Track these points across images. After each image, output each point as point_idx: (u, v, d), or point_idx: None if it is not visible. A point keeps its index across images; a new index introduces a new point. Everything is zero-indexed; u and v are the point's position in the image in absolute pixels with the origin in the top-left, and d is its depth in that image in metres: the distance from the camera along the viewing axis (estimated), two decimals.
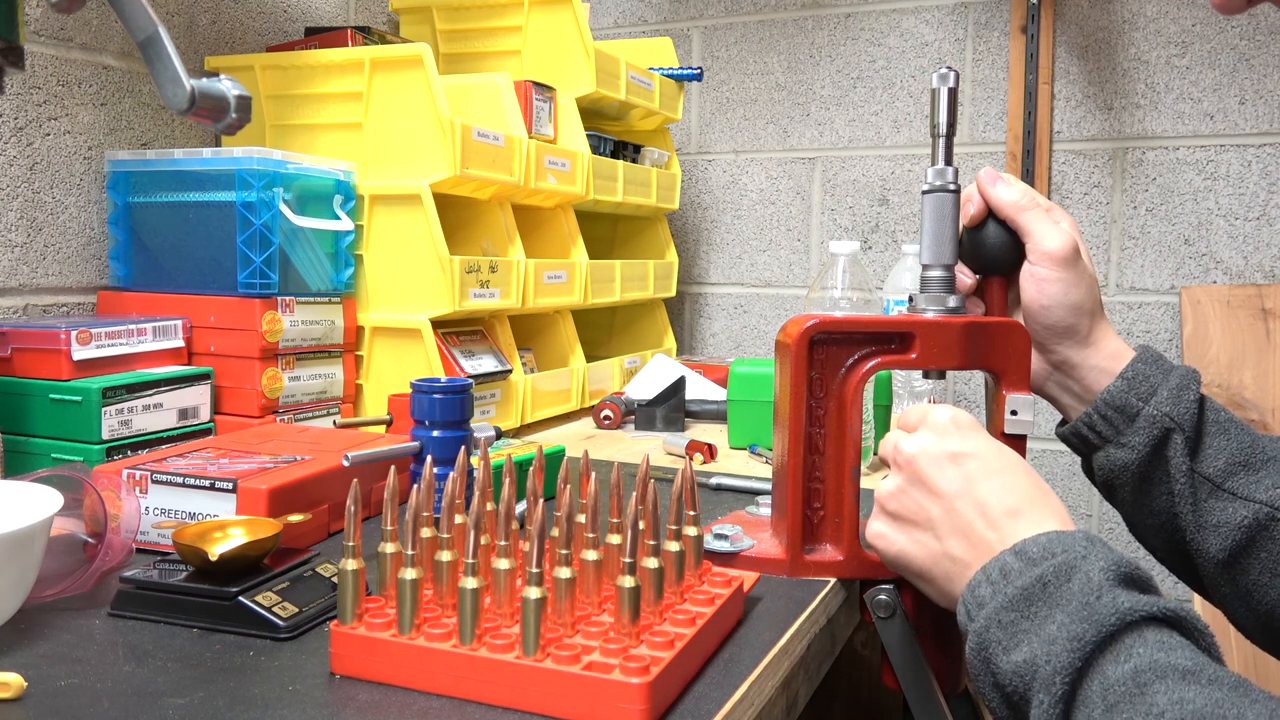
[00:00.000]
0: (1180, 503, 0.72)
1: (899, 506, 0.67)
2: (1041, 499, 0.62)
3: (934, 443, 0.65)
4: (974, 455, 0.64)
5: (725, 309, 2.12)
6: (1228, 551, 0.70)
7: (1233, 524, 0.70)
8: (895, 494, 0.67)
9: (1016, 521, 0.61)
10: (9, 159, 1.14)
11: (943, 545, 0.64)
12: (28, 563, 0.63)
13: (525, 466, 0.92)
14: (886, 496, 0.68)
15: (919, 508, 0.65)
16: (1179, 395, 0.72)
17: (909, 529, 0.66)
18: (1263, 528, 0.70)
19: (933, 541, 0.64)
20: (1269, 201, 1.73)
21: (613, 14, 2.18)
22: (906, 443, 0.67)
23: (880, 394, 1.20)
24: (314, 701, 0.55)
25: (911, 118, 1.95)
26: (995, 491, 0.62)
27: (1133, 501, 0.75)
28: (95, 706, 0.54)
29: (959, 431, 0.66)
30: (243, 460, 0.86)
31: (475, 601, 0.56)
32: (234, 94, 0.70)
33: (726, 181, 2.10)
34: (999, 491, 0.62)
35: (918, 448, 0.66)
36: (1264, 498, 0.70)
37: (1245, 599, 0.71)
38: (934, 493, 0.64)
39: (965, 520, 0.62)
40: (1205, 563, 0.72)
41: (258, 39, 1.47)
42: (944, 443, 0.65)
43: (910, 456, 0.66)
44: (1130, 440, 0.73)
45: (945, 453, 0.65)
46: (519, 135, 1.36)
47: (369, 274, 1.27)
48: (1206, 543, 0.71)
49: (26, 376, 0.99)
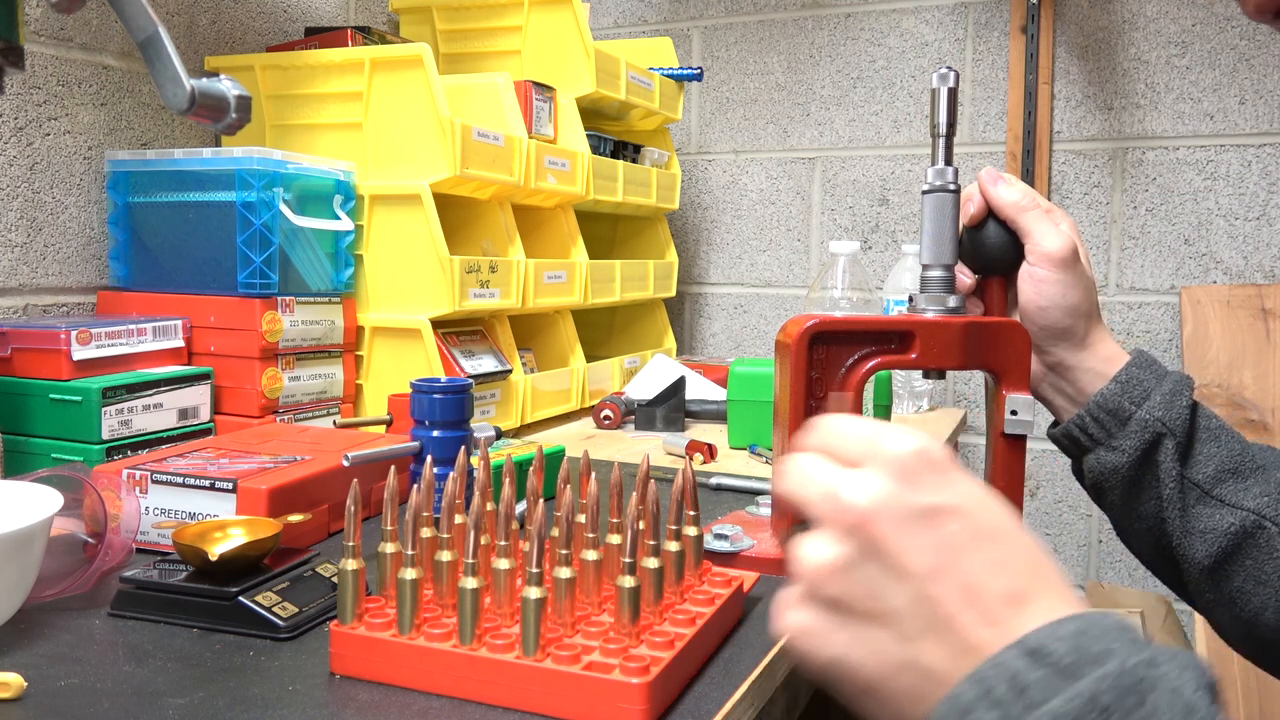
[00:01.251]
0: (1168, 508, 0.72)
1: (843, 590, 0.44)
2: (1049, 573, 0.44)
3: (898, 494, 0.44)
4: (957, 512, 0.44)
5: (725, 309, 2.12)
6: (1213, 558, 0.70)
7: (1219, 531, 0.70)
8: (837, 570, 0.44)
9: (1022, 611, 0.42)
10: (9, 159, 1.14)
11: (909, 650, 0.43)
12: (28, 563, 0.63)
13: (525, 466, 0.92)
14: (821, 572, 0.45)
15: (874, 593, 0.44)
16: (1172, 400, 0.72)
17: (855, 624, 0.44)
18: (1249, 535, 0.70)
19: (894, 644, 0.43)
20: (1269, 201, 1.73)
21: (613, 14, 2.18)
22: (854, 490, 0.44)
23: (880, 394, 1.21)
24: (314, 701, 0.55)
25: (911, 118, 1.95)
26: (989, 567, 0.43)
27: (1121, 505, 0.75)
28: (95, 706, 0.54)
29: (934, 475, 0.44)
30: (243, 460, 0.86)
31: (475, 601, 0.56)
32: (234, 94, 0.70)
33: (726, 181, 2.10)
34: (994, 567, 0.43)
35: (875, 500, 0.44)
36: (1251, 505, 0.70)
37: (1229, 606, 0.71)
38: (900, 571, 0.43)
39: (946, 612, 0.42)
40: (1190, 569, 0.72)
41: (258, 39, 1.47)
42: (913, 493, 0.44)
43: (864, 514, 0.44)
44: (1121, 444, 0.73)
45: (916, 509, 0.44)
46: (519, 135, 1.36)
47: (369, 274, 1.27)
48: (1192, 548, 0.71)
49: (26, 376, 0.99)
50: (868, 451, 0.45)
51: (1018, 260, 0.77)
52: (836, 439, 0.47)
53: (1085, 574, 1.88)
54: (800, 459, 0.47)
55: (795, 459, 0.47)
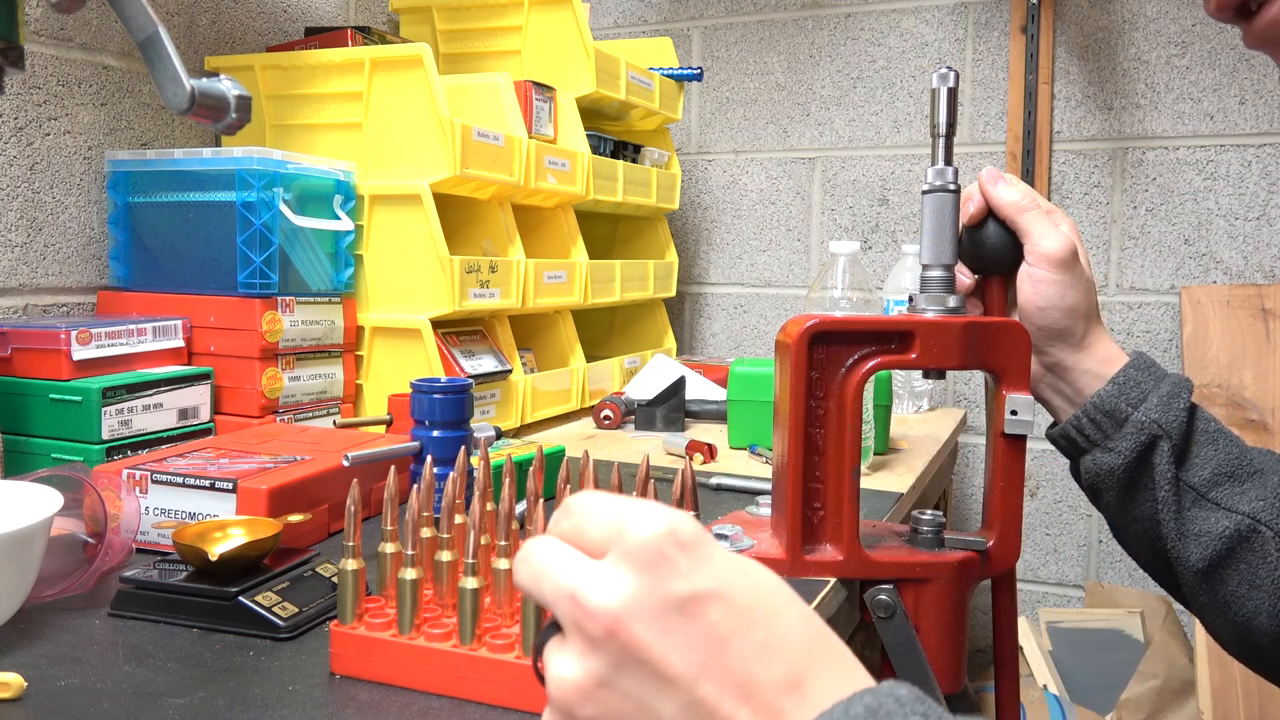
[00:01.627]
0: (1163, 510, 0.72)
1: (602, 710, 0.39)
2: (827, 645, 0.40)
3: (648, 587, 0.38)
4: (717, 597, 0.38)
5: (725, 309, 2.12)
6: (1207, 561, 0.70)
7: (1214, 534, 0.70)
8: (591, 689, 0.39)
9: (804, 698, 0.38)
10: (9, 159, 1.14)
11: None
12: (28, 563, 0.63)
13: (525, 466, 0.92)
14: (575, 694, 0.39)
15: (639, 707, 0.38)
16: (1169, 403, 0.72)
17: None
18: (1243, 539, 0.70)
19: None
20: (1269, 201, 1.73)
21: (613, 14, 2.18)
22: (598, 589, 0.38)
23: (880, 394, 1.21)
24: (314, 701, 0.55)
25: (911, 118, 1.95)
26: (760, 654, 0.38)
27: (1117, 507, 0.75)
28: (95, 706, 0.54)
29: (686, 557, 0.39)
30: (243, 460, 0.86)
31: (475, 601, 0.56)
32: (234, 94, 0.70)
33: (726, 181, 2.10)
34: (766, 653, 0.38)
35: (622, 600, 0.38)
36: (1247, 509, 0.70)
37: (1223, 609, 0.71)
38: (663, 677, 0.38)
39: (723, 715, 0.37)
40: (1185, 572, 0.72)
41: (258, 39, 1.47)
42: (665, 583, 0.38)
43: (612, 618, 0.38)
44: (1117, 445, 0.73)
45: (671, 602, 0.38)
46: (519, 135, 1.36)
47: (369, 274, 1.27)
48: (1187, 551, 0.71)
49: (26, 376, 0.99)
50: (611, 537, 0.39)
51: (1017, 260, 0.77)
52: (581, 524, 0.40)
53: (1085, 574, 1.88)
54: (539, 548, 0.41)
55: (533, 547, 0.41)
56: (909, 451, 1.29)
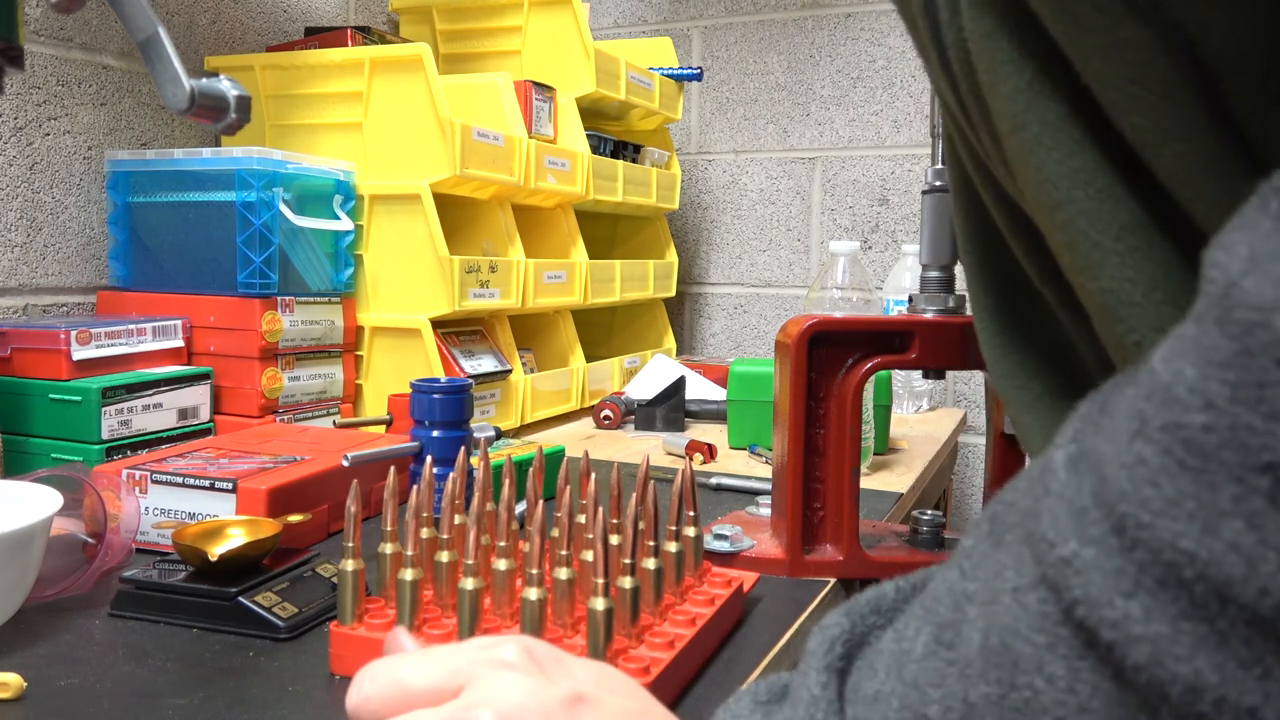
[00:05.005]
0: None
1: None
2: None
3: (536, 688, 0.37)
4: (591, 700, 0.38)
5: (725, 309, 2.12)
6: None
7: None
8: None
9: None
10: (9, 159, 1.14)
11: None
12: (28, 563, 0.63)
13: (525, 467, 0.92)
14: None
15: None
16: None
17: None
18: None
19: None
20: None
21: (613, 14, 2.18)
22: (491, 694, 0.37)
23: (880, 394, 1.21)
24: (314, 702, 0.55)
25: (911, 118, 1.95)
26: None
27: None
28: (95, 706, 0.54)
29: (554, 664, 0.39)
30: (242, 460, 0.86)
31: (475, 602, 0.56)
32: (234, 94, 0.70)
33: (726, 181, 2.10)
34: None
35: (516, 705, 0.36)
36: None
37: None
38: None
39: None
40: None
41: (258, 39, 1.47)
42: (547, 687, 0.37)
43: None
44: None
45: (556, 703, 0.37)
46: (519, 135, 1.36)
47: (369, 274, 1.27)
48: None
49: (26, 376, 0.99)
50: (463, 668, 0.38)
51: None
52: (405, 684, 0.39)
53: None
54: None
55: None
56: (909, 451, 1.29)
